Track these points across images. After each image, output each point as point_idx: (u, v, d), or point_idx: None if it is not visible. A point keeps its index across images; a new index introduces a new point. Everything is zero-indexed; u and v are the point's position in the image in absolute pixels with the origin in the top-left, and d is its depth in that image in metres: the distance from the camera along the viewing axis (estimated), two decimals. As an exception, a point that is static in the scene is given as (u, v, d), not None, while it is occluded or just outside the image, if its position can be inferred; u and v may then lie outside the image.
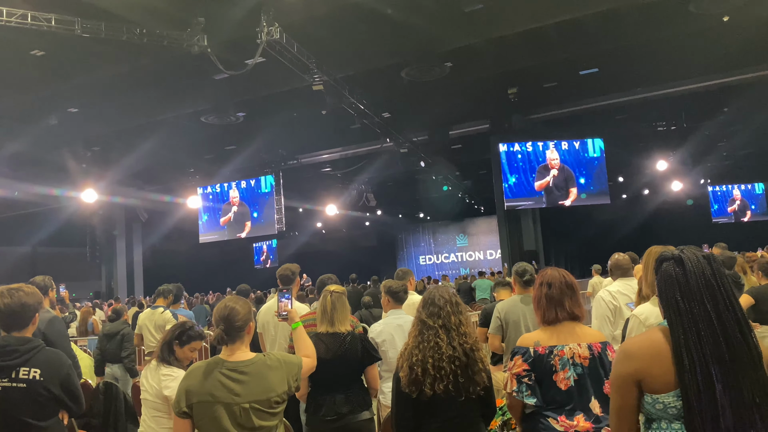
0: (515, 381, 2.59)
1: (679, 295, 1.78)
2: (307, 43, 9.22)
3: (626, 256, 4.65)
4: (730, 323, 1.72)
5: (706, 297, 1.74)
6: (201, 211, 18.36)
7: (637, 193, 23.19)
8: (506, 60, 11.24)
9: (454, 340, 2.79)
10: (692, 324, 1.73)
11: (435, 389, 2.69)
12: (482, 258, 29.79)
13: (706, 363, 1.69)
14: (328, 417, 3.32)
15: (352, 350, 3.42)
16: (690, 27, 10.01)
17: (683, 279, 1.78)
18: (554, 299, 2.68)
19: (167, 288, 6.45)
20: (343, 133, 15.41)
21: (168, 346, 3.47)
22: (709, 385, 1.67)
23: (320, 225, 28.28)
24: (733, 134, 16.59)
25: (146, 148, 14.42)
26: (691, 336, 1.72)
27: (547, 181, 15.01)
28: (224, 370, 2.58)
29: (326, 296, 3.56)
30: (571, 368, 2.57)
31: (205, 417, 2.54)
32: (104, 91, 11.26)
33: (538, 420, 2.58)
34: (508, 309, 4.46)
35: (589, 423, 2.52)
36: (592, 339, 2.66)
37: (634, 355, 1.83)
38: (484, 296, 12.24)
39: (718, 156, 18.82)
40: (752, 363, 1.70)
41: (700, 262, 1.79)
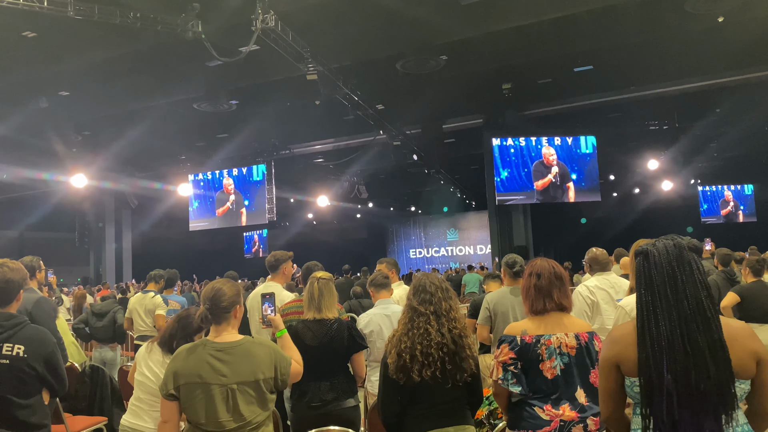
0: (501, 369, 2.60)
1: (643, 288, 1.86)
2: (303, 32, 9.17)
3: (603, 251, 4.67)
4: (687, 313, 1.77)
5: (669, 287, 1.81)
6: (192, 198, 18.28)
7: (628, 192, 23.31)
8: (501, 55, 11.23)
9: (444, 326, 2.79)
10: (650, 315, 1.81)
11: (423, 375, 2.70)
12: (472, 253, 29.88)
13: (660, 353, 1.76)
14: (313, 403, 3.32)
15: (339, 337, 3.42)
16: (685, 27, 10.04)
17: (647, 272, 1.86)
18: (543, 289, 2.69)
19: (159, 273, 6.42)
20: (337, 124, 15.36)
21: (171, 339, 3.39)
22: (660, 374, 1.75)
23: (311, 216, 28.26)
24: (724, 135, 16.69)
25: (137, 134, 14.32)
26: (648, 327, 1.81)
27: (549, 179, 15.05)
28: (211, 351, 2.58)
29: (313, 283, 3.55)
30: (558, 357, 2.59)
31: (192, 399, 2.53)
32: (96, 74, 11.15)
33: (523, 409, 2.59)
34: (497, 300, 4.48)
35: (574, 412, 2.54)
36: (579, 329, 2.67)
37: (616, 340, 1.94)
38: (473, 290, 12.30)
39: (708, 156, 18.94)
40: (706, 352, 1.74)
41: (668, 254, 1.85)
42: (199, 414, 2.52)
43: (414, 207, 30.06)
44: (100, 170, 16.98)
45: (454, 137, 17.26)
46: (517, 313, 4.26)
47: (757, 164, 20.18)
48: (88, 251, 21.86)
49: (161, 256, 21.35)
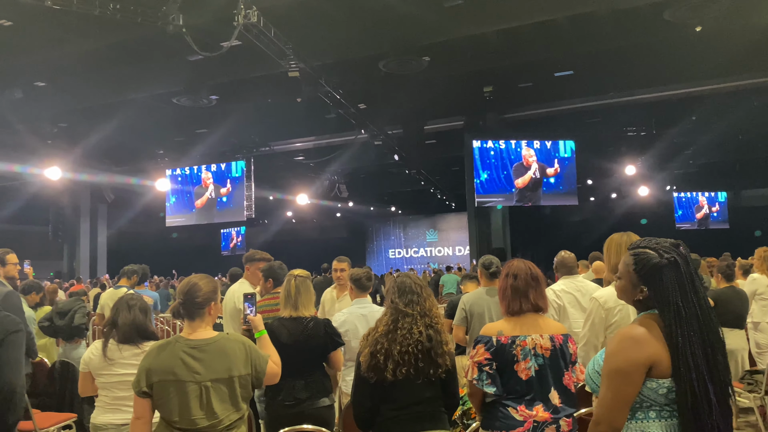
0: (476, 369, 2.61)
1: (680, 300, 1.84)
2: (285, 28, 9.11)
3: (572, 255, 4.70)
4: (708, 314, 1.84)
5: (693, 295, 1.85)
6: (169, 193, 18.06)
7: (605, 196, 23.60)
8: (483, 58, 11.29)
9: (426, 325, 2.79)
10: (689, 325, 1.82)
11: (397, 375, 2.68)
12: (451, 254, 30.02)
13: (697, 364, 1.78)
14: (286, 402, 3.30)
15: (315, 336, 3.40)
16: (664, 35, 10.19)
17: (681, 284, 1.86)
18: (519, 290, 2.71)
19: (132, 268, 6.34)
20: (318, 122, 15.31)
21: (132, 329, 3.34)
22: (704, 383, 1.77)
23: (291, 214, 28.13)
24: (699, 142, 16.99)
25: (115, 127, 14.10)
26: (688, 337, 1.81)
27: (530, 176, 15.15)
28: (185, 348, 2.54)
29: (290, 280, 3.52)
30: (533, 359, 2.60)
31: (165, 396, 2.50)
32: (73, 66, 10.97)
33: (497, 409, 2.60)
34: (473, 301, 4.50)
35: (548, 413, 2.56)
36: (554, 330, 2.69)
37: (646, 340, 1.84)
38: (451, 291, 12.36)
39: (683, 163, 19.25)
40: (723, 350, 1.85)
41: (684, 260, 1.88)
42: (172, 411, 2.49)
43: (394, 207, 30.09)
44: (76, 163, 16.69)
45: (435, 138, 17.30)
46: (493, 314, 4.28)
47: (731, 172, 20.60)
48: (62, 245, 21.50)
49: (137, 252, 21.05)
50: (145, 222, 22.95)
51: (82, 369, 3.37)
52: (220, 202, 17.24)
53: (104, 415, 3.28)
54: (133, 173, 19.42)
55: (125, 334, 3.29)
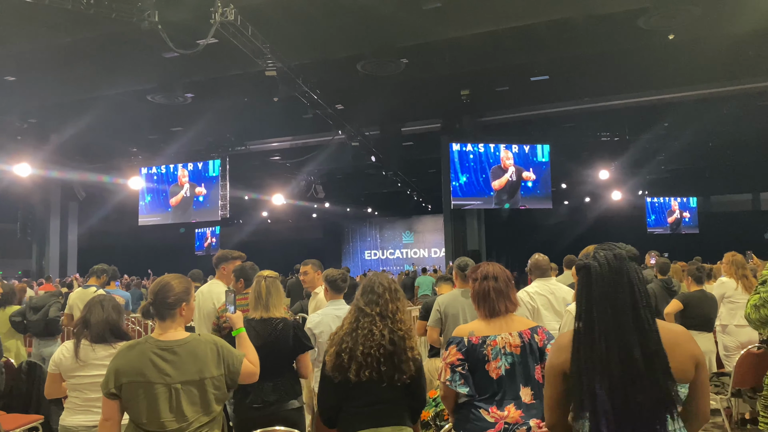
0: (449, 370, 2.62)
1: (584, 303, 1.86)
2: (263, 27, 9.05)
3: (545, 257, 4.76)
4: (626, 327, 1.78)
5: (609, 302, 1.81)
6: (144, 192, 17.79)
7: (579, 201, 23.90)
8: (461, 61, 11.36)
9: (388, 327, 2.76)
10: (588, 330, 1.81)
11: (360, 376, 2.67)
12: (427, 255, 30.12)
13: (593, 370, 1.77)
14: (254, 404, 3.27)
15: (284, 338, 3.38)
16: (638, 42, 10.37)
17: (588, 287, 1.87)
18: (503, 292, 2.75)
19: (101, 268, 6.23)
20: (295, 122, 15.22)
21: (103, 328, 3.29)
22: (591, 389, 1.76)
23: (266, 214, 27.93)
24: (671, 148, 17.31)
25: (87, 124, 13.86)
26: (584, 341, 1.81)
27: (506, 179, 15.26)
28: (155, 350, 2.50)
29: (260, 281, 3.49)
30: (503, 357, 2.62)
31: (135, 398, 2.45)
32: (45, 60, 10.74)
33: (469, 410, 2.62)
34: (448, 302, 4.50)
35: (519, 411, 2.58)
36: (522, 326, 2.72)
37: (563, 347, 1.92)
38: (426, 292, 12.38)
39: (656, 168, 19.60)
40: (641, 365, 1.76)
41: (609, 266, 1.85)
42: (141, 413, 2.45)
43: (370, 208, 30.09)
44: (47, 160, 16.34)
45: (412, 140, 17.34)
46: (468, 315, 4.29)
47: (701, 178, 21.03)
48: (31, 243, 21.03)
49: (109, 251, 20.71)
50: (117, 220, 22.58)
51: (51, 370, 3.29)
52: (196, 201, 17.04)
53: (74, 416, 3.22)
54: (106, 171, 19.08)
55: (98, 333, 3.23)
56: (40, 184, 18.35)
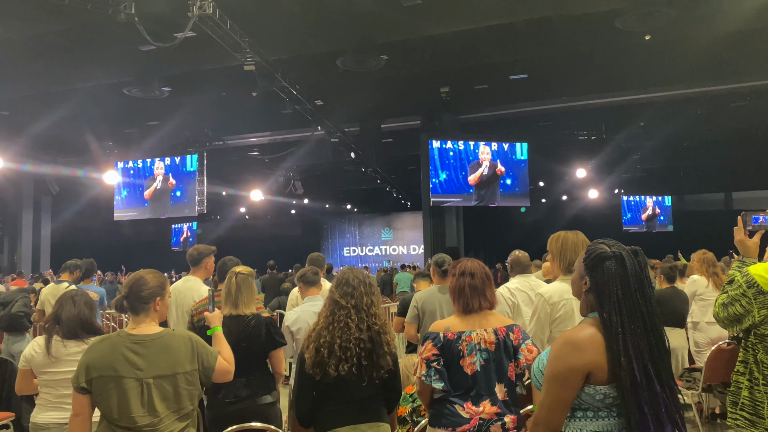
0: (425, 365, 2.63)
1: (621, 293, 1.82)
2: (242, 21, 8.97)
3: (525, 254, 4.80)
4: (654, 317, 1.82)
5: (639, 294, 1.83)
6: (120, 186, 17.53)
7: (556, 198, 24.13)
8: (440, 59, 11.40)
9: (364, 321, 2.77)
10: (631, 321, 1.80)
11: (339, 371, 2.67)
12: (406, 252, 30.19)
13: (641, 359, 1.77)
14: (227, 399, 3.26)
15: (256, 334, 3.36)
16: (614, 42, 10.50)
17: (624, 278, 1.84)
18: (478, 289, 2.75)
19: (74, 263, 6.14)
20: (273, 118, 15.15)
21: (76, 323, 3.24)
22: (648, 380, 1.76)
23: (244, 210, 27.73)
24: (646, 148, 17.56)
25: (61, 117, 13.61)
26: (630, 333, 1.78)
27: (480, 173, 15.33)
28: (128, 344, 2.47)
29: (231, 278, 3.46)
30: (477, 353, 2.64)
31: (105, 393, 2.42)
32: (18, 51, 10.51)
33: (444, 406, 2.63)
34: (426, 298, 4.52)
35: (495, 407, 2.60)
36: (498, 324, 2.74)
37: (586, 347, 1.83)
38: (405, 289, 12.41)
39: (631, 167, 19.87)
40: (667, 353, 1.84)
41: (634, 260, 1.86)
42: (112, 408, 2.41)
43: (349, 205, 30.04)
44: (19, 153, 16.04)
45: (391, 137, 17.36)
46: (445, 311, 4.31)
47: (675, 177, 21.37)
48: (2, 238, 20.62)
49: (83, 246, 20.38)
50: (92, 215, 22.22)
51: (22, 366, 3.23)
52: (173, 196, 16.85)
53: (46, 413, 3.17)
54: (80, 165, 18.76)
55: (70, 329, 3.19)
56: (12, 177, 18.01)
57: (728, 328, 2.89)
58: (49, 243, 21.13)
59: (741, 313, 2.71)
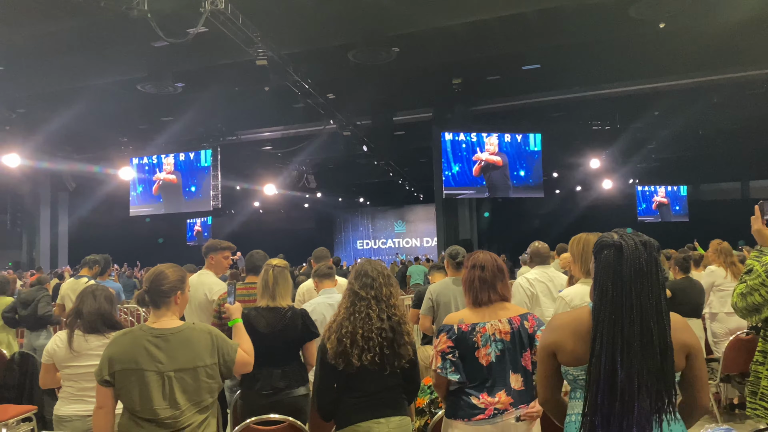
0: (440, 358, 2.64)
1: (611, 282, 1.83)
2: (254, 16, 8.98)
3: (545, 245, 4.80)
4: (648, 312, 1.79)
5: (635, 286, 1.81)
6: (135, 182, 17.69)
7: (570, 190, 23.99)
8: (452, 50, 11.33)
9: (384, 312, 2.79)
10: (613, 311, 1.80)
11: (362, 360, 2.69)
12: (419, 245, 30.18)
13: (613, 350, 1.77)
14: (264, 391, 3.29)
15: (292, 326, 3.40)
16: (628, 31, 10.38)
17: (618, 267, 1.83)
18: (487, 282, 2.75)
19: (93, 258, 6.22)
20: (286, 112, 15.18)
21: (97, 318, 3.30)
22: (612, 371, 1.76)
23: (258, 204, 27.86)
24: (661, 137, 17.39)
25: (76, 114, 13.73)
26: (608, 323, 1.80)
27: (479, 165, 15.22)
28: (149, 337, 2.51)
29: (268, 270, 3.50)
30: (492, 344, 2.65)
31: (128, 385, 2.46)
32: (33, 50, 10.61)
33: (460, 398, 2.65)
34: (440, 290, 4.54)
35: (509, 398, 2.62)
36: (512, 313, 2.74)
37: (555, 328, 1.99)
38: (418, 281, 12.44)
39: (646, 157, 19.69)
40: (657, 351, 1.78)
41: (637, 249, 1.84)
42: (134, 401, 2.46)
43: (362, 198, 30.07)
44: (36, 150, 16.20)
45: (404, 130, 17.32)
46: (459, 303, 4.33)
47: (691, 166, 21.15)
48: (21, 234, 20.90)
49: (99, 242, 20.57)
50: (107, 211, 22.45)
51: (45, 361, 3.29)
52: (188, 192, 16.97)
53: (69, 406, 3.22)
54: (96, 161, 18.94)
55: (91, 323, 3.24)
56: (29, 174, 18.22)
57: (747, 318, 2.87)
58: (66, 239, 21.39)
59: (760, 303, 2.69)
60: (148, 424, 2.46)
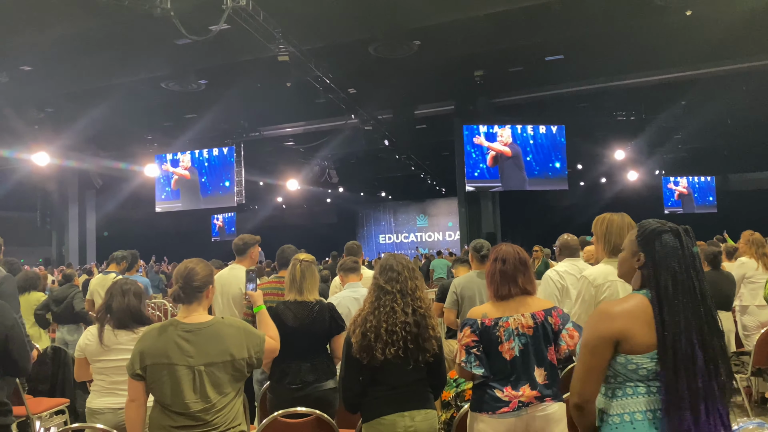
0: (464, 352, 2.64)
1: (677, 265, 1.86)
2: (275, 12, 9.03)
3: (575, 237, 4.75)
4: (705, 294, 1.85)
5: (692, 269, 1.86)
6: (160, 179, 17.93)
7: (594, 181, 23.70)
8: (473, 42, 11.24)
9: (409, 305, 2.79)
10: (685, 293, 1.83)
11: (386, 354, 2.69)
12: (441, 239, 30.10)
13: (689, 331, 1.79)
14: (293, 385, 3.32)
15: (320, 319, 3.43)
16: (654, 19, 10.18)
17: (680, 251, 1.87)
18: (508, 275, 2.73)
19: (120, 254, 6.32)
20: (308, 107, 15.22)
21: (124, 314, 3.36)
22: (693, 353, 1.78)
23: (281, 199, 28.04)
24: (688, 127, 17.07)
25: (102, 112, 13.95)
26: (682, 305, 1.82)
27: (492, 154, 15.10)
28: (180, 332, 2.55)
29: (295, 265, 3.53)
30: (516, 339, 2.64)
31: (159, 379, 2.51)
32: (60, 50, 10.81)
33: (485, 391, 2.64)
34: (464, 284, 4.52)
35: (534, 392, 2.61)
36: (536, 307, 2.72)
37: (617, 316, 1.89)
38: (441, 275, 12.41)
39: (672, 148, 19.36)
40: (718, 332, 1.84)
41: (687, 234, 1.90)
42: (166, 395, 2.51)
43: (384, 192, 30.07)
44: (63, 149, 16.51)
45: (425, 123, 17.27)
46: (484, 297, 4.30)
47: (719, 156, 20.72)
48: (50, 232, 21.33)
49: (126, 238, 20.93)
50: (133, 207, 22.80)
51: (77, 355, 3.37)
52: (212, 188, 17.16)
53: (100, 399, 3.29)
54: (122, 158, 19.24)
55: (120, 319, 3.29)
56: (57, 172, 18.56)
57: (778, 311, 2.83)
58: (94, 235, 21.77)
59: (792, 295, 2.64)
60: (179, 417, 2.51)
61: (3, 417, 2.78)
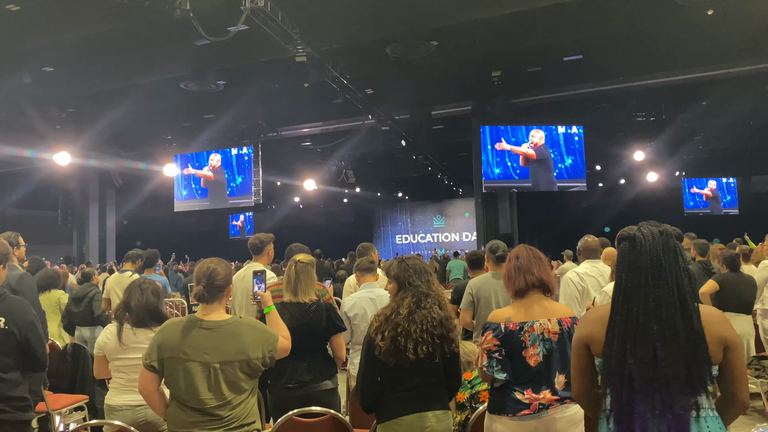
0: (486, 356, 2.62)
1: (624, 273, 1.89)
2: (293, 13, 9.07)
3: (595, 239, 4.74)
4: (666, 300, 1.80)
5: (652, 275, 1.83)
6: (179, 178, 18.10)
7: (613, 182, 23.48)
8: (491, 42, 11.18)
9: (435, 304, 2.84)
10: (627, 300, 1.85)
11: (418, 353, 2.70)
12: (458, 239, 30.03)
13: (624, 337, 1.81)
14: (289, 384, 3.34)
15: (317, 319, 3.44)
16: (674, 19, 10.06)
17: (632, 258, 1.88)
18: (522, 267, 2.73)
19: (136, 253, 6.39)
20: (325, 108, 15.27)
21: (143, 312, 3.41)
22: (621, 357, 1.81)
23: (298, 199, 28.17)
24: (709, 128, 16.84)
25: (122, 112, 14.10)
26: (621, 312, 1.85)
27: (524, 151, 15.00)
28: (198, 329, 2.59)
29: (291, 266, 3.55)
30: (541, 344, 2.62)
31: (175, 374, 2.55)
32: (81, 51, 10.95)
33: (506, 394, 2.63)
34: (480, 285, 4.50)
35: (555, 396, 2.60)
36: (562, 314, 2.70)
37: (588, 321, 2.03)
38: (458, 276, 12.39)
39: (693, 149, 19.11)
40: (683, 338, 1.78)
41: (654, 240, 1.86)
42: (181, 389, 2.55)
43: (401, 193, 30.07)
44: (84, 148, 16.74)
45: (442, 123, 17.23)
46: (500, 298, 4.29)
47: (741, 158, 20.41)
48: (71, 230, 21.65)
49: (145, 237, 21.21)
50: (153, 206, 23.05)
51: (96, 353, 3.42)
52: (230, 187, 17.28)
53: (119, 396, 3.33)
54: (141, 158, 19.47)
55: (138, 317, 3.33)
56: (78, 172, 18.84)
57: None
58: (114, 234, 22.05)
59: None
60: (193, 412, 2.54)
61: (22, 412, 2.81)
